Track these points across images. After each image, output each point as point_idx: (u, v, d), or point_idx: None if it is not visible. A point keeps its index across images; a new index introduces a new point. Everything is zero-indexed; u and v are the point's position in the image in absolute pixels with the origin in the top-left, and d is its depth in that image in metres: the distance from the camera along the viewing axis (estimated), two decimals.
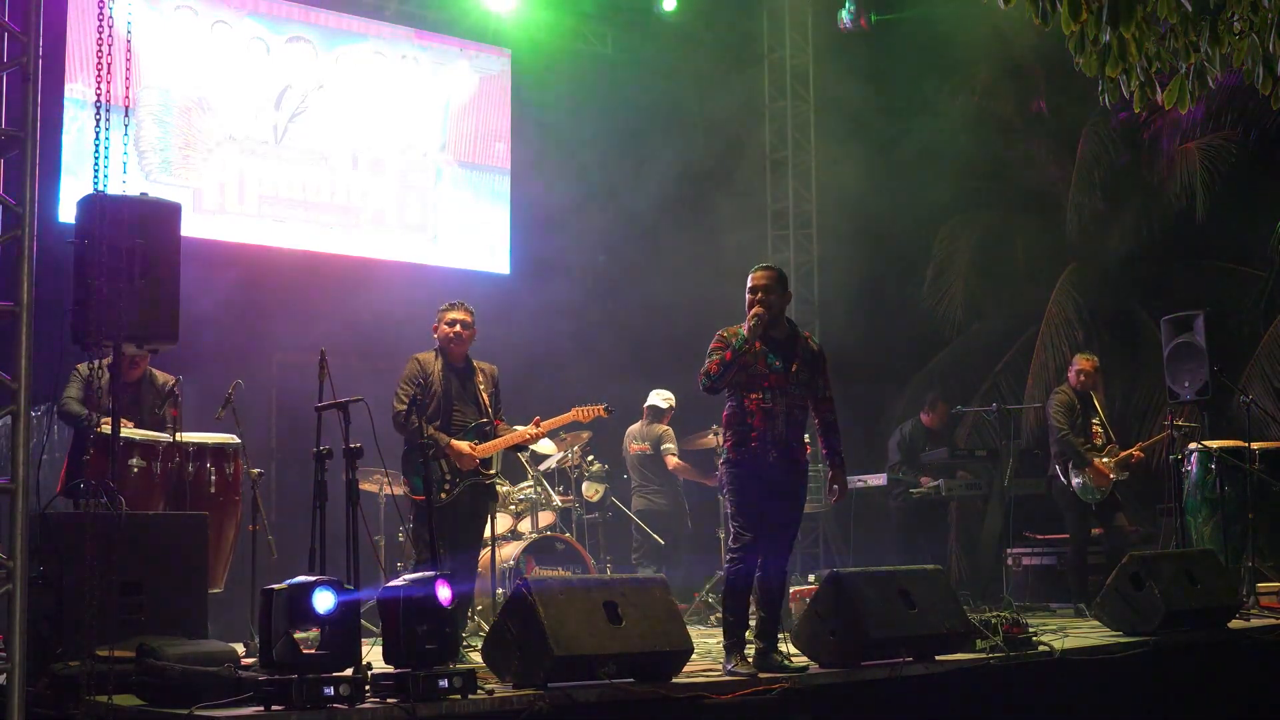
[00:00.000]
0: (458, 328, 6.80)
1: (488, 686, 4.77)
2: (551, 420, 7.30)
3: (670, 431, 9.86)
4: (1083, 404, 9.05)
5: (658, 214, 11.95)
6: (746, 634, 5.79)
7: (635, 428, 9.97)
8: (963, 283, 12.53)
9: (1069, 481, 8.91)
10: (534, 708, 4.65)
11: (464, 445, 6.67)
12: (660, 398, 9.89)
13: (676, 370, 10.80)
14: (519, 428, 7.00)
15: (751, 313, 5.83)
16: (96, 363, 5.38)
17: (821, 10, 12.58)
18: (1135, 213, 12.11)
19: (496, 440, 6.83)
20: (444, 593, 4.70)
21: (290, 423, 9.10)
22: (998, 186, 13.02)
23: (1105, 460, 8.84)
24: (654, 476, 9.76)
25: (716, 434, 8.69)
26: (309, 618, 4.43)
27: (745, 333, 5.79)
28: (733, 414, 5.87)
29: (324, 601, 4.42)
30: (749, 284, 5.94)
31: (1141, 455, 9.05)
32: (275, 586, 4.46)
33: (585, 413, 7.51)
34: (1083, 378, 9.09)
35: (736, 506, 5.80)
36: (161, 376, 6.85)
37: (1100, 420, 9.04)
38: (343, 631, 4.49)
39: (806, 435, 6.03)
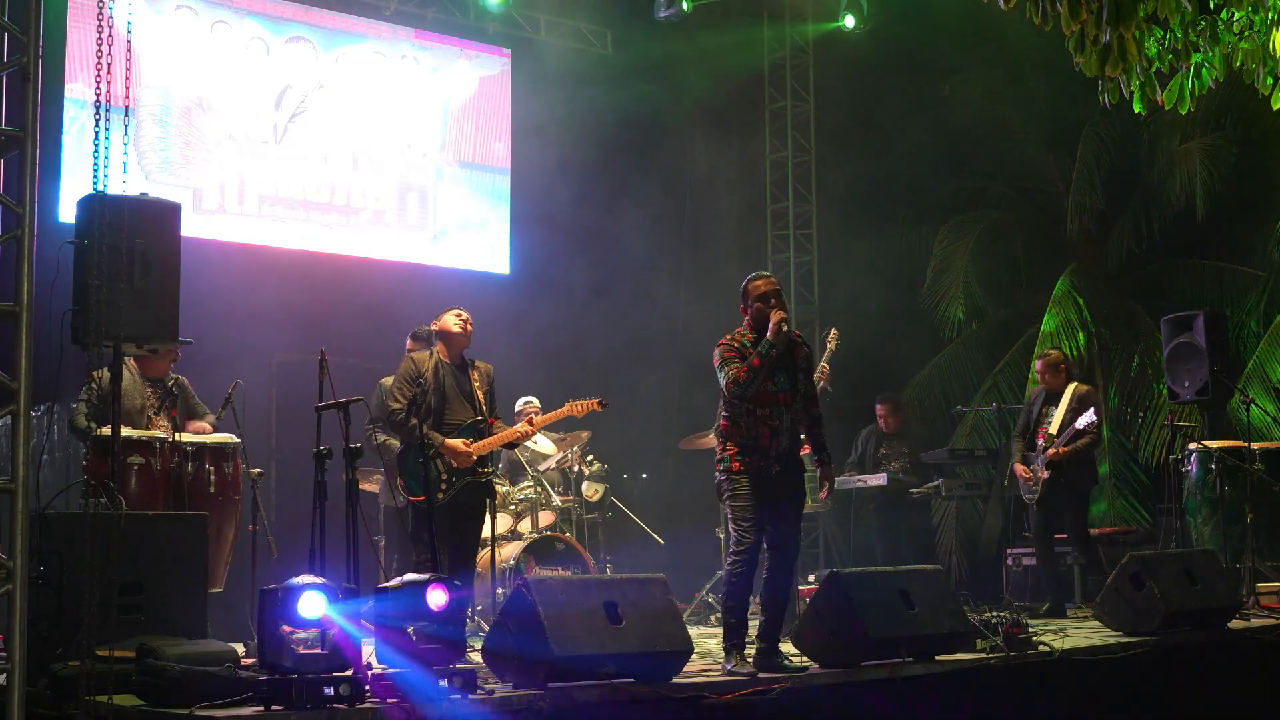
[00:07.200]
0: (469, 326, 6.80)
1: (488, 686, 4.77)
2: (545, 416, 7.31)
3: None
4: (1046, 403, 8.76)
5: (657, 214, 11.95)
6: (747, 635, 5.80)
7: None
8: (963, 283, 12.51)
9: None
10: (534, 708, 4.65)
11: (459, 443, 6.66)
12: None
13: (676, 370, 10.84)
14: (515, 426, 7.00)
15: (777, 318, 5.81)
16: (105, 370, 5.37)
17: (822, 11, 12.59)
18: (1135, 213, 12.11)
19: (492, 438, 6.82)
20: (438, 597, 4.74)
21: (290, 423, 9.10)
22: (997, 186, 13.03)
23: (1022, 463, 8.69)
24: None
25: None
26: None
27: (770, 337, 5.77)
28: (736, 427, 5.85)
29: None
30: (761, 289, 5.92)
31: (1056, 454, 8.42)
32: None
33: (579, 407, 7.50)
34: (1042, 377, 8.87)
35: (738, 512, 5.79)
36: (172, 376, 6.85)
37: (1059, 419, 8.55)
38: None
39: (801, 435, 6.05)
